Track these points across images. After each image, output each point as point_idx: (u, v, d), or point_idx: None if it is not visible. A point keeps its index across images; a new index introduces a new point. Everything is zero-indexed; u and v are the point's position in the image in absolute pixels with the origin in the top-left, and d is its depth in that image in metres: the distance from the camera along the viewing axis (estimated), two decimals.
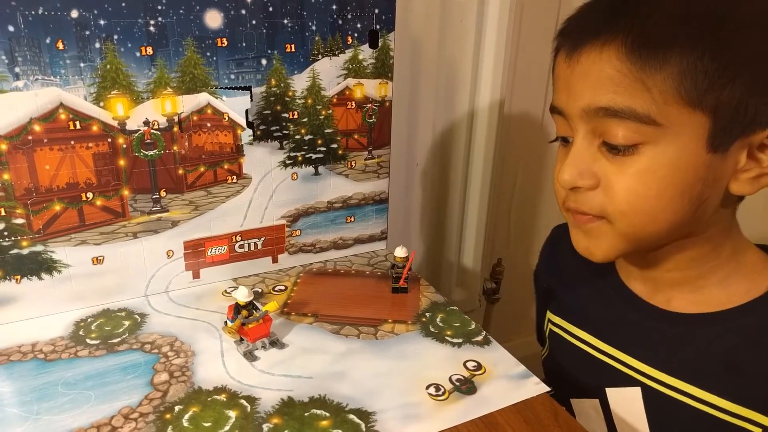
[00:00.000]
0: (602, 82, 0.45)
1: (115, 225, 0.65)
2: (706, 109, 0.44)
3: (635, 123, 0.45)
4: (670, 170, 0.46)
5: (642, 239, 0.50)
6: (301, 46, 0.67)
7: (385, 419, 0.51)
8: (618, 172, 0.47)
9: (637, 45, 0.43)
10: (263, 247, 0.75)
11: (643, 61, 0.43)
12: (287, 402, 0.53)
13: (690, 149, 0.45)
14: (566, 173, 0.49)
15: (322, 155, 0.74)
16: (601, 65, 0.45)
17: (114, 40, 0.58)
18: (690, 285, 0.54)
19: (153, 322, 0.65)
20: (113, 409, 0.51)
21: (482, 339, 0.63)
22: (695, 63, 0.42)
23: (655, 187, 0.46)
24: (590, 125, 0.48)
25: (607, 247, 0.51)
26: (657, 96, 0.44)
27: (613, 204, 0.48)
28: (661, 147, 0.45)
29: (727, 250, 0.52)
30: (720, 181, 0.47)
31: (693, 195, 0.46)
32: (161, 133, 0.64)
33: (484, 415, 0.52)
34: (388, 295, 0.72)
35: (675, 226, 0.48)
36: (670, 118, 0.44)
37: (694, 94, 0.43)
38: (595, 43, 0.46)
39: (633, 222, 0.48)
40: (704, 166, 0.45)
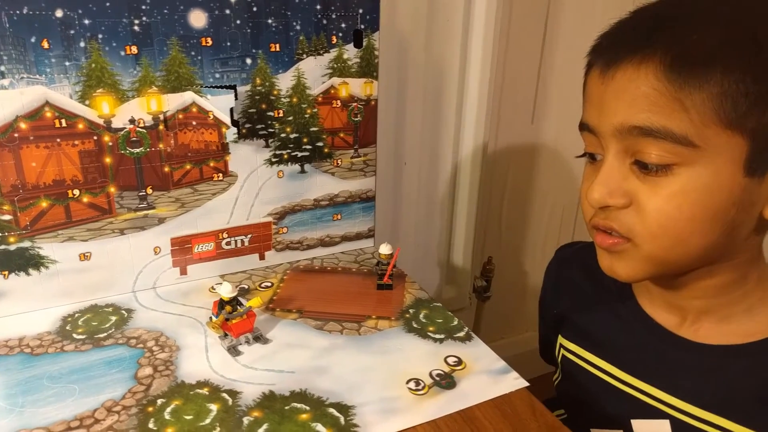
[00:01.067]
0: (638, 101, 0.44)
1: (101, 222, 0.66)
2: (745, 132, 0.43)
3: (671, 143, 0.44)
4: (705, 193, 0.44)
5: (669, 262, 0.49)
6: (285, 45, 0.68)
7: (364, 413, 0.52)
8: (650, 192, 0.46)
9: (676, 63, 0.42)
10: (250, 244, 0.75)
11: (683, 81, 0.42)
12: (268, 396, 0.54)
13: (726, 172, 0.44)
14: (596, 192, 0.48)
15: (308, 153, 0.74)
16: (637, 83, 0.44)
17: (99, 40, 0.59)
18: (716, 314, 0.52)
19: (139, 318, 0.66)
20: (97, 402, 0.52)
21: (464, 335, 0.64)
22: (736, 84, 0.42)
23: (688, 210, 0.45)
24: (623, 144, 0.47)
25: (632, 267, 0.50)
26: (695, 117, 0.43)
27: (643, 224, 0.47)
28: (697, 169, 0.44)
29: (753, 278, 0.51)
30: (755, 206, 0.46)
31: (726, 220, 0.45)
32: (147, 131, 0.65)
33: (462, 410, 0.53)
34: (374, 292, 0.72)
35: (704, 250, 0.47)
36: (707, 140, 0.43)
37: (734, 116, 0.42)
38: (632, 60, 0.44)
39: (662, 244, 0.47)
40: (740, 190, 0.44)
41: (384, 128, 0.89)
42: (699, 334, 0.53)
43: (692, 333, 0.53)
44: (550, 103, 1.10)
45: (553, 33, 1.05)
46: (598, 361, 0.59)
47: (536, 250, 1.26)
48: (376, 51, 0.74)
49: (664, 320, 0.55)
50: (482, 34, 0.90)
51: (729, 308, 0.52)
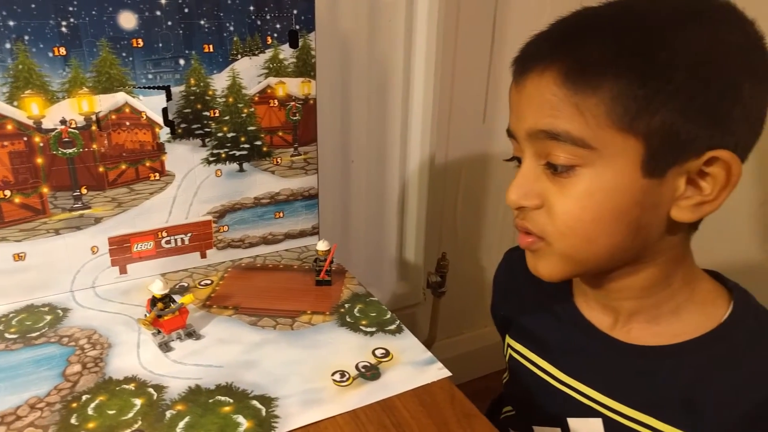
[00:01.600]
0: (542, 106, 0.48)
1: (35, 222, 0.66)
2: (638, 134, 0.45)
3: (572, 146, 0.46)
4: (607, 194, 0.47)
5: (581, 261, 0.51)
6: (219, 46, 0.69)
7: (287, 404, 0.53)
8: (559, 193, 0.49)
9: (572, 71, 0.46)
10: (191, 243, 0.76)
11: (577, 87, 0.45)
12: (194, 390, 0.55)
13: (625, 174, 0.46)
14: (512, 193, 0.51)
15: (246, 152, 0.76)
16: (541, 90, 0.48)
17: (25, 41, 0.60)
18: (645, 315, 0.54)
19: (75, 317, 0.66)
20: (20, 400, 0.53)
21: (395, 328, 0.65)
22: (625, 89, 0.44)
23: (592, 210, 0.48)
24: (535, 147, 0.50)
25: (550, 266, 0.52)
26: (591, 120, 0.46)
27: (553, 224, 0.50)
28: (598, 170, 0.47)
29: (678, 279, 0.53)
30: (659, 207, 0.48)
31: (630, 220, 0.48)
32: (79, 132, 0.65)
33: (382, 399, 0.55)
34: (312, 288, 0.74)
35: (614, 249, 0.49)
36: (603, 142, 0.46)
37: (626, 119, 0.45)
38: (537, 69, 0.48)
39: (571, 243, 0.50)
40: (640, 191, 0.47)
41: (329, 127, 0.90)
42: (630, 335, 0.55)
43: (624, 334, 0.55)
44: (503, 102, 1.12)
45: (503, 30, 1.07)
46: (540, 361, 0.61)
47: (492, 245, 1.28)
48: (313, 51, 0.75)
49: (598, 321, 0.57)
50: (425, 33, 0.92)
51: (657, 309, 0.54)
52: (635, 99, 0.44)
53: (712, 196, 0.47)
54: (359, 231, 1.04)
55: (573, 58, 0.46)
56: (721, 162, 0.46)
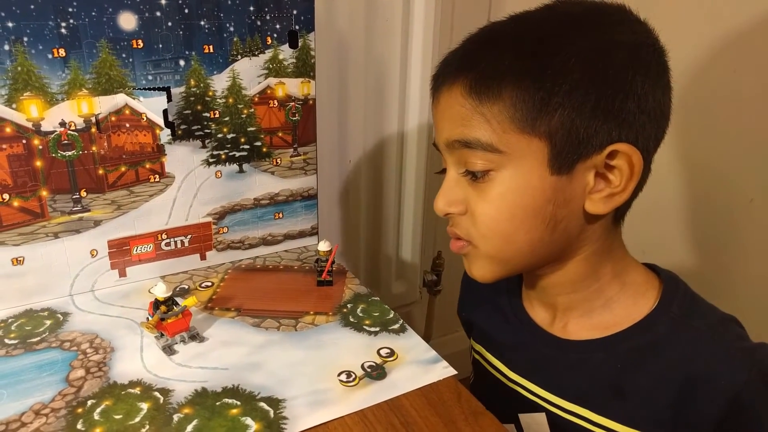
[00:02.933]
0: (454, 118, 0.51)
1: (34, 225, 0.65)
2: (540, 135, 0.48)
3: (483, 152, 0.50)
4: (518, 194, 0.50)
5: (506, 260, 0.54)
6: (219, 47, 0.69)
7: (294, 406, 0.53)
8: (478, 198, 0.52)
9: (475, 83, 0.49)
10: (190, 245, 0.76)
11: (481, 97, 0.49)
12: (200, 393, 0.55)
13: (534, 173, 0.49)
14: (439, 202, 0.55)
15: (246, 153, 0.75)
16: (451, 103, 0.51)
17: (24, 42, 0.59)
18: (579, 309, 0.57)
19: (75, 321, 0.66)
20: (24, 406, 0.52)
21: (399, 327, 0.66)
22: (522, 94, 0.47)
23: (506, 210, 0.51)
24: (454, 156, 0.53)
25: (480, 267, 0.56)
26: (496, 126, 0.49)
27: (475, 228, 0.53)
28: (509, 172, 0.50)
29: (607, 271, 0.55)
30: (572, 201, 0.51)
31: (545, 216, 0.51)
32: (79, 134, 0.65)
33: (389, 399, 0.55)
34: (314, 289, 0.74)
35: (534, 245, 0.52)
36: (510, 146, 0.49)
37: (527, 122, 0.48)
38: (447, 84, 0.52)
39: (493, 244, 0.53)
40: (551, 188, 0.50)
41: (326, 127, 0.90)
42: (567, 331, 0.58)
43: (561, 330, 0.59)
44: None
45: None
46: (494, 361, 0.65)
47: None
48: (313, 51, 0.75)
49: (540, 319, 0.61)
50: (422, 32, 0.92)
51: (589, 303, 0.57)
52: (533, 102, 0.47)
53: (621, 187, 0.49)
54: (356, 231, 1.04)
55: (476, 71, 0.49)
56: (623, 154, 0.49)
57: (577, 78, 0.47)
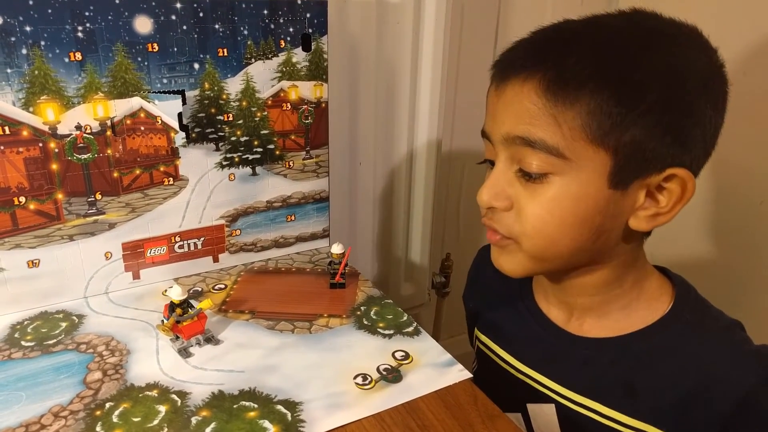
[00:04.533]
0: (521, 114, 0.50)
1: (50, 228, 0.66)
2: (608, 148, 0.48)
3: (546, 154, 0.49)
4: (574, 201, 0.50)
5: (545, 260, 0.54)
6: (233, 50, 0.69)
7: (311, 408, 0.53)
8: (529, 197, 0.51)
9: (552, 84, 0.48)
10: (203, 247, 0.76)
11: (557, 99, 0.48)
12: (217, 395, 0.55)
13: (592, 184, 0.49)
14: (484, 194, 0.53)
15: (259, 156, 0.75)
16: (521, 97, 0.49)
17: (41, 47, 0.59)
18: (597, 310, 0.59)
19: (90, 323, 0.66)
20: (43, 408, 0.53)
21: (413, 330, 0.66)
22: (601, 105, 0.47)
23: (558, 215, 0.51)
24: (509, 151, 0.52)
25: (516, 263, 0.56)
26: (566, 132, 0.48)
27: (521, 226, 0.52)
28: (567, 179, 0.50)
29: (629, 279, 0.57)
30: (620, 216, 0.51)
31: (593, 226, 0.51)
32: (94, 137, 0.65)
33: (406, 402, 0.55)
34: (326, 291, 0.74)
35: (575, 251, 0.53)
36: (576, 153, 0.48)
37: (599, 133, 0.47)
38: (519, 77, 0.50)
39: (537, 243, 0.53)
40: (605, 200, 0.50)
41: (337, 130, 0.90)
42: (582, 329, 0.60)
43: (577, 327, 0.60)
44: None
45: (506, 32, 1.08)
46: (502, 353, 0.66)
47: None
48: (325, 54, 0.75)
49: (555, 316, 0.62)
50: (432, 35, 0.92)
51: (607, 305, 0.58)
52: (610, 116, 0.47)
53: (667, 208, 0.50)
54: (366, 233, 1.04)
55: (555, 71, 0.48)
56: (678, 179, 0.49)
57: (655, 98, 0.47)
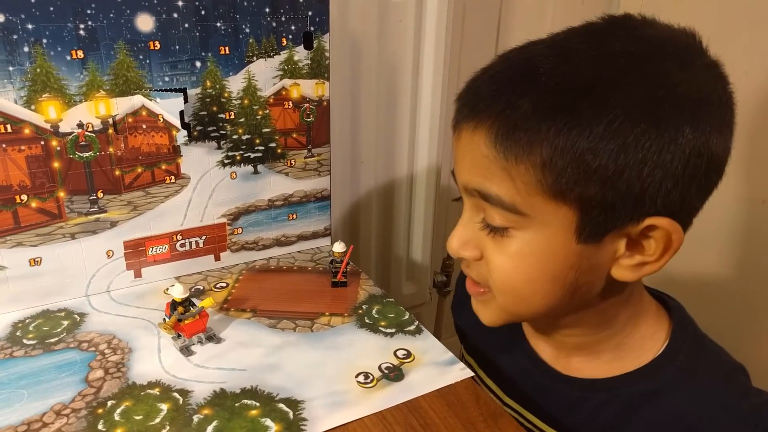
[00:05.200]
0: (475, 165, 0.46)
1: (51, 226, 0.66)
2: (571, 202, 0.43)
3: (503, 210, 0.45)
4: (539, 257, 0.46)
5: (520, 315, 0.52)
6: (235, 48, 0.69)
7: (313, 407, 0.53)
8: (495, 249, 0.48)
9: (502, 133, 0.43)
10: (205, 246, 0.76)
11: (507, 151, 0.43)
12: (219, 393, 0.55)
13: (558, 239, 0.44)
14: (453, 243, 0.50)
15: (261, 154, 0.75)
16: (473, 147, 0.45)
17: (43, 44, 0.59)
18: (587, 350, 0.55)
19: (92, 322, 0.66)
20: (45, 406, 0.53)
21: (414, 328, 0.66)
22: (557, 155, 0.41)
23: (524, 271, 0.47)
24: (472, 200, 0.49)
25: (491, 315, 0.53)
26: (521, 186, 0.43)
27: (491, 278, 0.49)
28: (529, 235, 0.45)
29: (622, 318, 0.52)
30: (598, 268, 0.46)
31: (566, 282, 0.46)
32: (96, 135, 0.65)
33: (408, 400, 0.55)
34: (328, 290, 0.74)
35: (549, 308, 0.49)
36: (535, 209, 0.44)
37: (557, 187, 0.42)
38: (471, 123, 0.45)
39: (507, 299, 0.50)
40: (575, 255, 0.45)
41: (338, 128, 0.90)
42: (570, 368, 0.56)
43: (564, 366, 0.57)
44: None
45: (507, 33, 1.08)
46: (489, 382, 0.64)
47: None
48: (327, 52, 0.75)
49: (542, 351, 0.59)
50: (434, 32, 0.92)
51: (598, 345, 0.54)
52: (568, 166, 0.41)
53: (655, 257, 0.45)
54: (367, 231, 1.04)
55: (503, 118, 0.43)
56: (661, 230, 0.43)
57: (623, 143, 0.40)
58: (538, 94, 0.42)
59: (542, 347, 0.59)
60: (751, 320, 1.00)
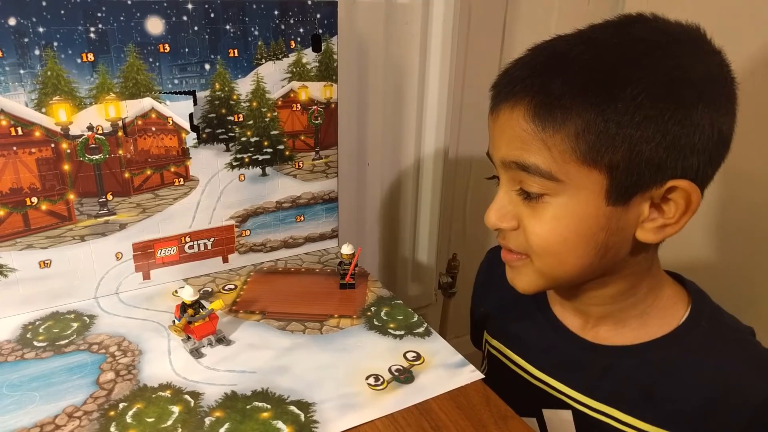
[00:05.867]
0: (513, 139, 0.51)
1: (61, 229, 0.66)
2: (601, 168, 0.48)
3: (540, 178, 0.50)
4: (573, 220, 0.51)
5: (555, 278, 0.55)
6: (244, 50, 0.69)
7: (324, 409, 0.53)
8: (532, 216, 0.52)
9: (539, 109, 0.48)
10: (213, 248, 0.76)
11: (545, 123, 0.48)
12: (230, 396, 0.55)
13: (590, 202, 0.50)
14: (492, 216, 0.55)
15: (269, 156, 0.76)
16: (512, 123, 0.51)
17: (54, 47, 0.59)
18: (613, 318, 0.59)
19: (102, 324, 0.66)
20: (57, 409, 0.53)
21: (423, 331, 0.66)
22: (588, 127, 0.47)
23: (560, 234, 0.51)
24: (509, 174, 0.53)
25: (528, 280, 0.57)
26: (557, 155, 0.48)
27: (529, 244, 0.53)
28: (564, 199, 0.50)
29: (644, 288, 0.57)
30: (624, 230, 0.51)
31: (597, 242, 0.51)
32: (106, 138, 0.65)
33: (419, 403, 0.55)
34: (336, 291, 0.74)
35: (584, 268, 0.53)
36: (569, 175, 0.49)
37: (589, 154, 0.48)
38: (508, 103, 0.51)
39: (545, 261, 0.54)
40: (605, 217, 0.50)
41: (346, 130, 0.90)
42: (598, 336, 0.60)
43: (593, 335, 0.60)
44: None
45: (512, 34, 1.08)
46: (516, 358, 0.66)
47: None
48: (335, 55, 0.75)
49: (570, 324, 0.62)
50: (441, 35, 0.92)
51: (623, 313, 0.58)
52: (598, 136, 0.47)
53: (674, 219, 0.50)
54: (374, 233, 1.04)
55: (541, 96, 0.48)
56: (681, 190, 0.49)
57: (646, 115, 0.46)
58: (569, 75, 0.48)
59: (569, 319, 0.62)
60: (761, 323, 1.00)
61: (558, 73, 0.48)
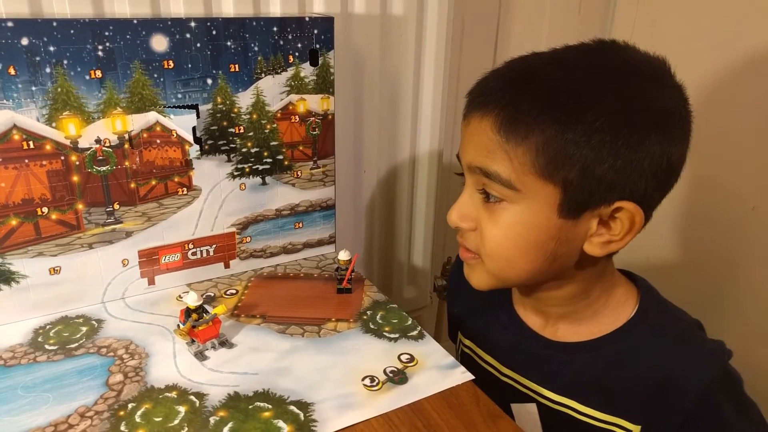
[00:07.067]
0: (480, 147, 0.55)
1: (70, 237, 0.69)
2: (557, 182, 0.52)
3: (500, 185, 0.54)
4: (525, 228, 0.55)
5: (505, 278, 0.60)
6: (244, 65, 0.72)
7: (323, 409, 0.57)
8: (489, 220, 0.57)
9: (505, 121, 0.52)
10: (215, 254, 0.79)
11: (508, 136, 0.52)
12: (233, 396, 0.58)
13: (543, 213, 0.54)
14: (453, 215, 0.60)
15: (269, 166, 0.79)
16: (480, 132, 0.54)
17: (64, 65, 0.62)
18: (569, 318, 0.64)
19: (109, 328, 0.69)
20: (70, 409, 0.56)
21: (417, 334, 0.69)
22: (547, 144, 0.51)
23: (512, 239, 0.56)
24: (473, 177, 0.57)
25: (480, 278, 0.62)
26: (517, 166, 0.52)
27: (483, 246, 0.58)
28: (520, 207, 0.54)
29: (597, 291, 0.62)
30: (573, 241, 0.55)
31: (547, 250, 0.55)
32: (113, 150, 0.68)
33: (412, 403, 0.58)
34: (334, 296, 0.77)
35: (533, 272, 0.58)
36: (527, 186, 0.53)
37: (546, 169, 0.51)
38: (479, 112, 0.55)
39: (495, 264, 0.58)
40: (555, 228, 0.54)
41: (342, 140, 0.93)
42: (557, 334, 0.65)
43: (552, 333, 0.66)
44: None
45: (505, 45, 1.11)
46: (485, 356, 0.71)
47: None
48: (332, 68, 0.78)
49: (532, 323, 0.68)
50: (434, 47, 0.95)
51: (578, 314, 0.63)
52: (557, 153, 0.51)
53: (619, 237, 0.54)
54: (370, 238, 1.07)
55: (508, 110, 0.52)
56: (626, 211, 0.53)
57: (602, 138, 0.49)
58: (537, 93, 0.52)
59: (532, 319, 0.67)
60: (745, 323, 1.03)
61: (526, 90, 0.52)
